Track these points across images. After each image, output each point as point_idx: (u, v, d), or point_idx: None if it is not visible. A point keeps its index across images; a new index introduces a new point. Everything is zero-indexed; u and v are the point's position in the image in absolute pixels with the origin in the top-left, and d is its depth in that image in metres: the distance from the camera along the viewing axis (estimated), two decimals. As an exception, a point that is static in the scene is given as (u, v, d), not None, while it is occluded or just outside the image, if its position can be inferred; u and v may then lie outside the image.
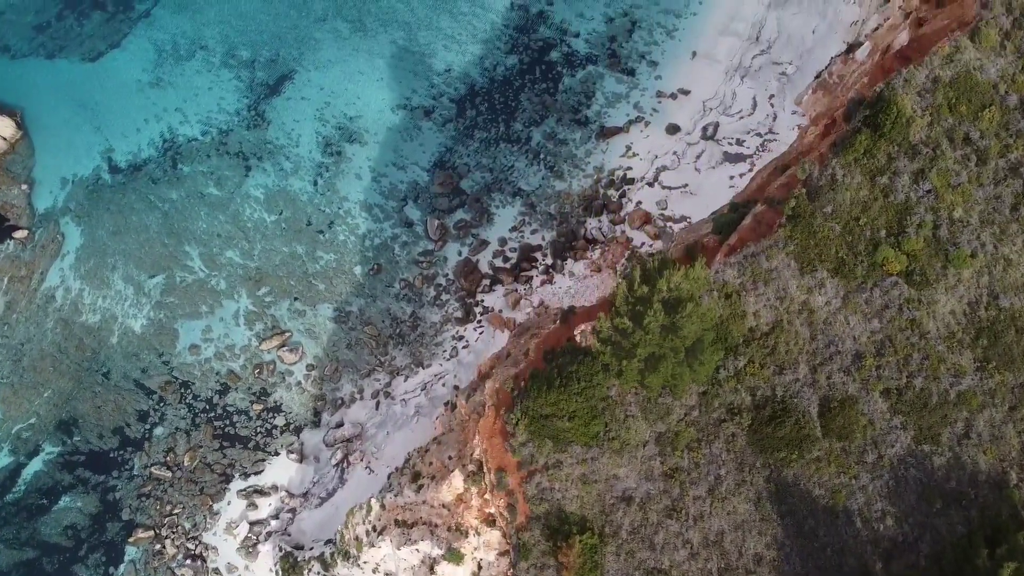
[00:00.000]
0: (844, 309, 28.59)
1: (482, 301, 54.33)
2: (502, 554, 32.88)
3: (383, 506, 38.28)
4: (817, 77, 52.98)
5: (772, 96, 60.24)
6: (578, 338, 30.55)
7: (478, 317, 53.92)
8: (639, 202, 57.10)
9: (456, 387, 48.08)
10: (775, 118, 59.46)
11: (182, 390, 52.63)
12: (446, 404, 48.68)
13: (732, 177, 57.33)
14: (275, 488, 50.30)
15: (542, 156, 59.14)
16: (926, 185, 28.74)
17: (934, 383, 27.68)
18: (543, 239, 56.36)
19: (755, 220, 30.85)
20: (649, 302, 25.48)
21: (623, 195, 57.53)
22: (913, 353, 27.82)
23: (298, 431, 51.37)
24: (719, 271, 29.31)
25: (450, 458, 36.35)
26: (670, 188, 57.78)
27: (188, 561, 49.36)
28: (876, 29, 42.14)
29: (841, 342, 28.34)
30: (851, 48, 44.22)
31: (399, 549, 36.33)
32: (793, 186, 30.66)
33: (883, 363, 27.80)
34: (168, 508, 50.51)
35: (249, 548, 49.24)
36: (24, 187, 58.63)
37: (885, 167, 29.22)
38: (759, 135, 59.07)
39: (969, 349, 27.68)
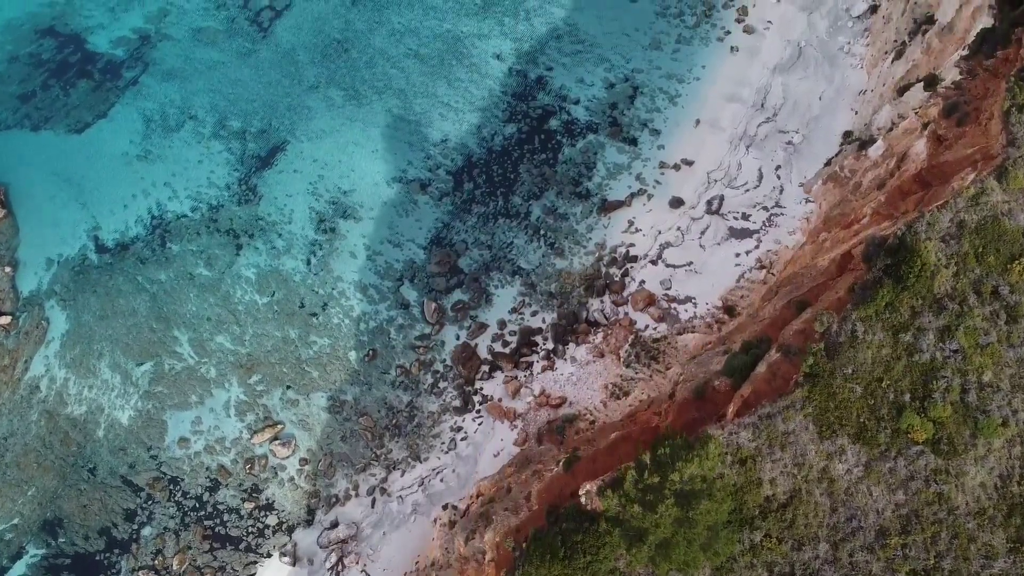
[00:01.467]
0: (867, 479, 26.82)
1: (481, 389, 52.58)
2: None
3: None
4: (827, 164, 51.34)
5: (778, 167, 58.61)
6: (583, 499, 28.81)
7: (477, 406, 52.17)
8: (642, 281, 55.38)
9: (454, 506, 46.23)
10: (781, 191, 57.81)
11: (171, 487, 50.82)
12: (444, 507, 46.94)
13: (738, 255, 55.65)
14: (267, 593, 48.52)
15: (542, 232, 57.46)
16: (953, 344, 27.01)
17: (964, 564, 25.89)
18: (544, 321, 54.63)
19: (770, 370, 29.13)
20: (661, 492, 23.74)
21: (626, 274, 55.81)
22: (941, 531, 26.04)
23: (291, 531, 49.56)
24: (733, 432, 27.57)
25: (448, 600, 34.60)
26: (674, 266, 56.05)
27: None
28: (891, 129, 40.45)
29: (864, 516, 26.56)
30: (864, 144, 42.52)
31: None
32: (810, 335, 28.94)
33: (909, 542, 26.02)
34: (156, 613, 48.72)
35: (240, 656, 47.46)
36: (8, 269, 56.93)
37: (909, 323, 27.51)
38: (765, 208, 57.40)
39: (1001, 528, 25.89)
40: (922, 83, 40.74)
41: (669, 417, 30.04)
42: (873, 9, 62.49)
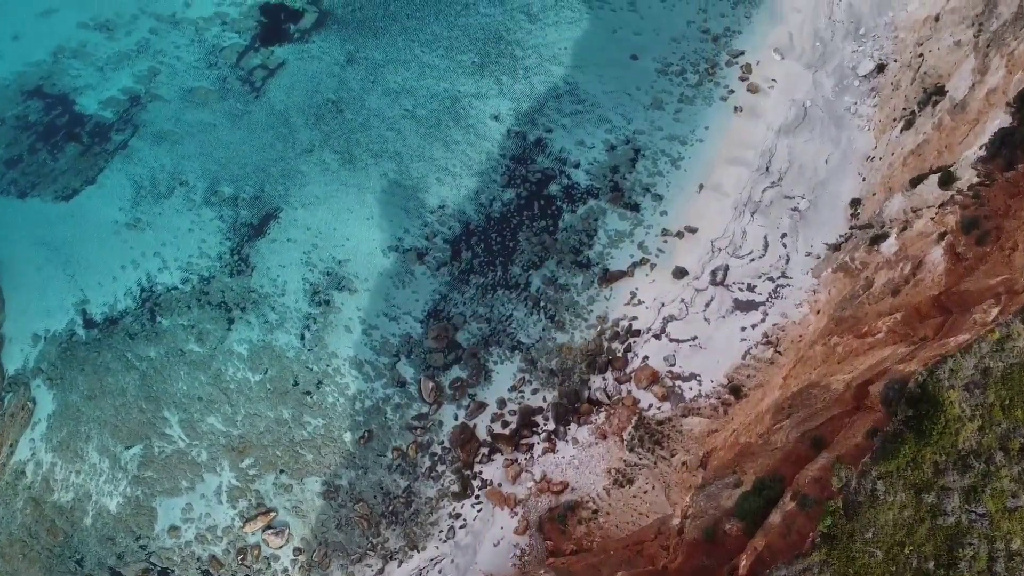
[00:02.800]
0: (889, 653, 25.34)
1: (480, 473, 51.11)
2: None
3: None
4: (836, 248, 49.90)
5: (784, 235, 57.15)
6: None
7: (476, 492, 50.67)
8: (646, 357, 53.91)
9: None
10: (788, 260, 56.32)
11: (160, 579, 49.33)
12: (443, 607, 45.47)
13: (744, 329, 54.17)
14: None
15: (542, 304, 56.00)
16: (979, 507, 25.56)
17: None
18: (544, 400, 53.18)
19: (785, 522, 27.66)
20: None
21: (628, 349, 54.35)
22: None
23: (285, 625, 48.07)
24: (747, 596, 26.08)
25: None
26: (678, 341, 54.58)
27: None
28: (904, 229, 39.03)
29: None
30: (876, 239, 41.09)
31: None
32: (826, 485, 27.49)
33: None
34: None
35: None
36: (-7, 346, 55.48)
37: (932, 481, 26.05)
38: (771, 279, 55.91)
39: None
40: (937, 177, 39.32)
41: (677, 560, 28.53)
42: (880, 69, 61.02)
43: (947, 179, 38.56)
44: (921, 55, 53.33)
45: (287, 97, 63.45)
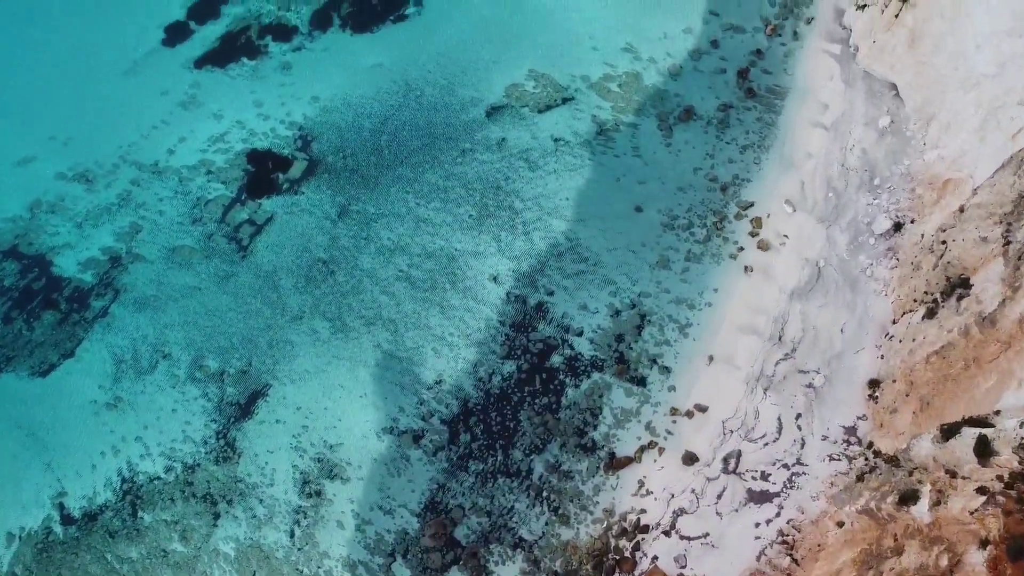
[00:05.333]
0: None
1: None
2: None
3: None
4: (860, 479, 46.93)
5: (799, 416, 54.50)
6: None
7: None
8: (655, 557, 51.24)
9: None
10: (803, 445, 53.66)
11: None
12: None
13: (758, 524, 51.44)
14: None
15: (545, 494, 53.26)
16: None
17: None
18: (549, 607, 50.27)
19: None
20: None
21: (637, 547, 51.64)
22: None
23: None
24: None
25: None
26: (689, 538, 51.87)
27: None
28: (937, 502, 36.16)
29: None
30: (906, 498, 38.23)
31: None
32: None
33: None
34: None
35: None
36: (-35, 549, 52.51)
37: None
38: (786, 466, 53.23)
39: None
40: (973, 440, 36.48)
41: None
42: (897, 227, 58.44)
43: (983, 448, 35.81)
44: (944, 242, 50.54)
45: (276, 257, 60.70)
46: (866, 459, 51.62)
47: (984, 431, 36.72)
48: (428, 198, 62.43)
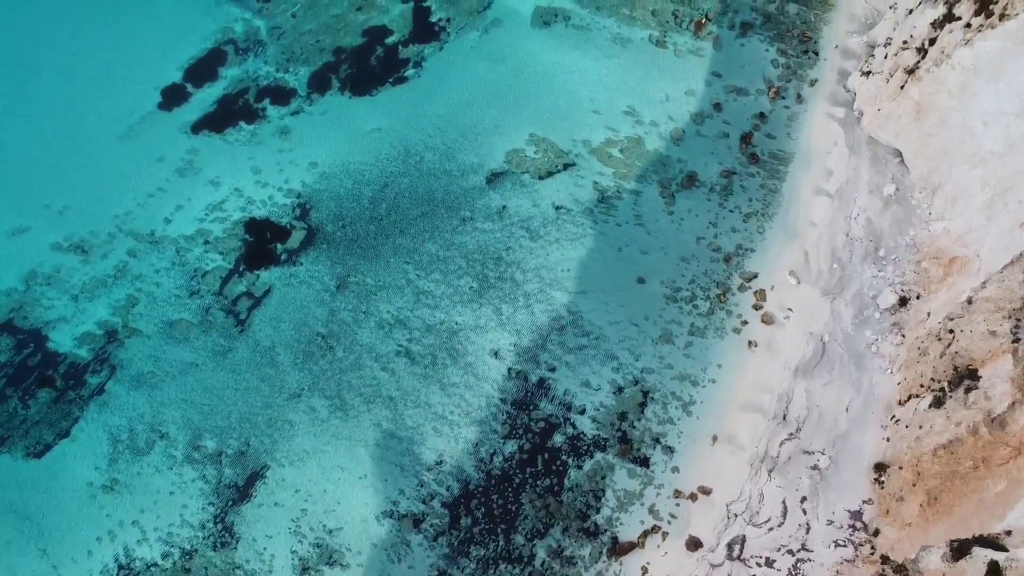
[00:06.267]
0: None
1: None
2: None
3: None
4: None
5: (804, 499, 53.94)
6: None
7: None
8: (660, 647, 50.49)
9: None
10: (808, 530, 53.10)
11: None
12: None
13: (763, 619, 50.69)
14: None
15: (548, 582, 52.52)
16: None
17: None
18: None
19: None
20: None
21: (641, 642, 50.88)
22: None
23: None
24: None
25: None
26: (694, 632, 51.10)
27: None
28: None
29: None
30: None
31: None
32: None
33: None
34: None
35: None
36: (-42, 643, 51.83)
37: None
38: (791, 552, 52.69)
39: None
40: (984, 566, 35.86)
41: None
42: (903, 302, 57.94)
43: (995, 573, 35.15)
44: (951, 331, 49.90)
45: (274, 331, 60.05)
46: (872, 548, 51.08)
47: (996, 556, 36.12)
48: (428, 269, 61.80)
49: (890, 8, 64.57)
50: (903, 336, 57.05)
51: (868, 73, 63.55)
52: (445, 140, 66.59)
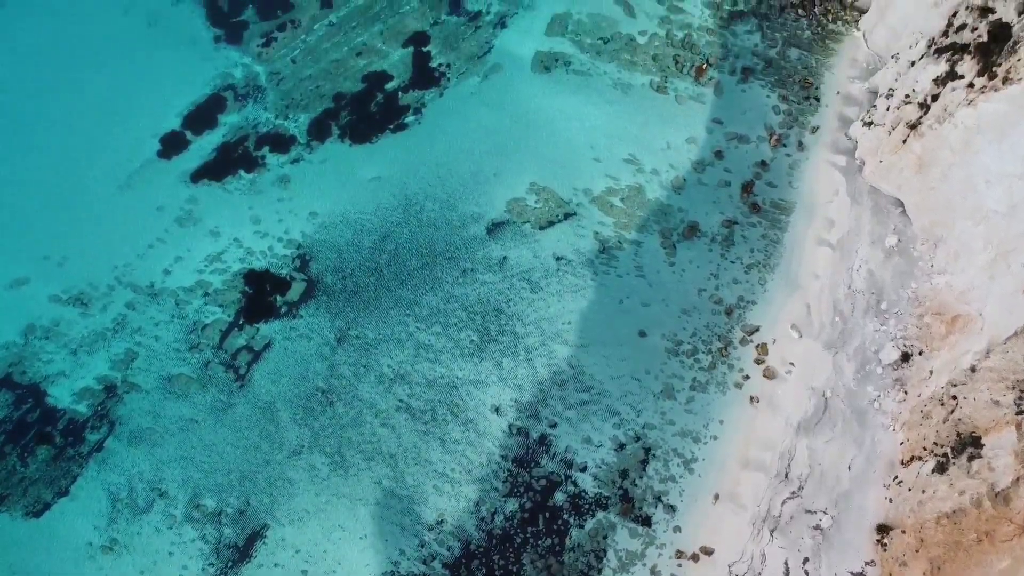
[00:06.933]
0: None
1: None
2: None
3: None
4: None
5: (806, 560, 53.89)
6: None
7: None
8: None
9: None
10: (812, 593, 52.78)
11: None
12: None
13: None
14: None
15: (549, 645, 52.32)
16: None
17: None
18: None
19: None
20: None
21: None
22: None
23: None
24: None
25: None
26: None
27: None
28: None
29: None
30: None
31: None
32: None
33: None
34: None
35: None
36: None
37: None
38: (794, 616, 52.37)
39: None
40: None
41: None
42: (905, 358, 57.82)
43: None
44: (955, 397, 49.72)
45: (274, 387, 59.89)
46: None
47: (1000, 646, 35.94)
48: (428, 322, 61.62)
49: (892, 58, 64.41)
50: (905, 393, 56.92)
51: (870, 124, 63.37)
52: (446, 189, 66.42)
